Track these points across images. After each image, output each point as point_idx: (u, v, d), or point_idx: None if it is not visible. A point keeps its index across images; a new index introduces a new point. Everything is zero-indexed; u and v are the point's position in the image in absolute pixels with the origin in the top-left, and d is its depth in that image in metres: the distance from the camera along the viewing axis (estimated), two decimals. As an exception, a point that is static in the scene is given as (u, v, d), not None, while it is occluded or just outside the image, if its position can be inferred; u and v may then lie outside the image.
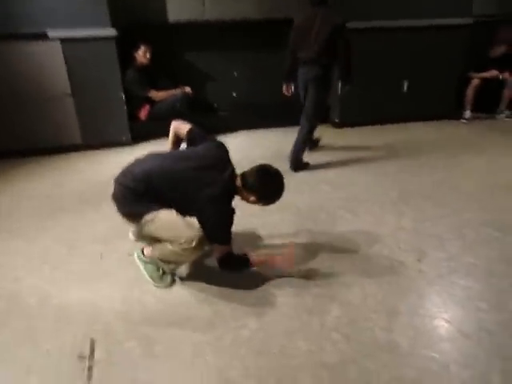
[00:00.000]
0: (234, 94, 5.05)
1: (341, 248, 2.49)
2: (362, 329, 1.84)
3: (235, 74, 4.96)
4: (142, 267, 2.17)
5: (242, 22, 4.54)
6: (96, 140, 4.31)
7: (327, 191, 3.28)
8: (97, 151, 4.30)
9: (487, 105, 5.17)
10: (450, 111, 5.11)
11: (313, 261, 2.35)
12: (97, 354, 1.73)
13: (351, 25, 3.85)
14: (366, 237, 2.60)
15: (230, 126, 4.81)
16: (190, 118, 4.47)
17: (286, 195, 2.12)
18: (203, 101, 4.92)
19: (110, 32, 3.95)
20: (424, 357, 1.69)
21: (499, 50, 4.98)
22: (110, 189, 2.09)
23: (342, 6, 4.15)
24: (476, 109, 5.11)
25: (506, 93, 5.06)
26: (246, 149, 4.20)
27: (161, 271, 2.16)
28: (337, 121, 4.92)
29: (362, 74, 4.38)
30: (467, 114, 5.09)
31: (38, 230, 2.78)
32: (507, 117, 5.12)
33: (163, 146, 2.41)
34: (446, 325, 1.87)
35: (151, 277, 2.16)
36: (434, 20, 4.62)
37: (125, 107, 4.28)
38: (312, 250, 2.45)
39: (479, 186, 3.27)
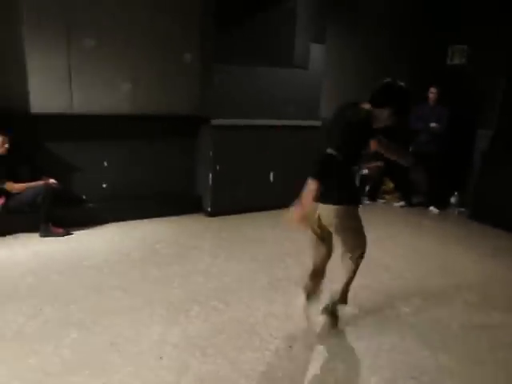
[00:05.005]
0: (104, 185, 4.93)
1: (209, 343, 2.46)
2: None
3: (105, 164, 4.88)
4: None
5: (113, 116, 4.62)
6: None
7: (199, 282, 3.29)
8: None
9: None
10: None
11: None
12: None
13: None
14: (237, 327, 2.62)
15: (100, 218, 4.62)
16: (54, 211, 4.26)
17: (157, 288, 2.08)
18: (70, 193, 4.68)
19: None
20: None
21: None
22: None
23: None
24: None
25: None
26: (116, 241, 4.02)
27: None
28: (209, 210, 5.12)
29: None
30: None
31: None
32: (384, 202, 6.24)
33: (19, 241, 2.20)
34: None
35: None
36: (291, 121, 5.34)
37: (-26, 200, 3.82)
38: (182, 346, 2.37)
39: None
